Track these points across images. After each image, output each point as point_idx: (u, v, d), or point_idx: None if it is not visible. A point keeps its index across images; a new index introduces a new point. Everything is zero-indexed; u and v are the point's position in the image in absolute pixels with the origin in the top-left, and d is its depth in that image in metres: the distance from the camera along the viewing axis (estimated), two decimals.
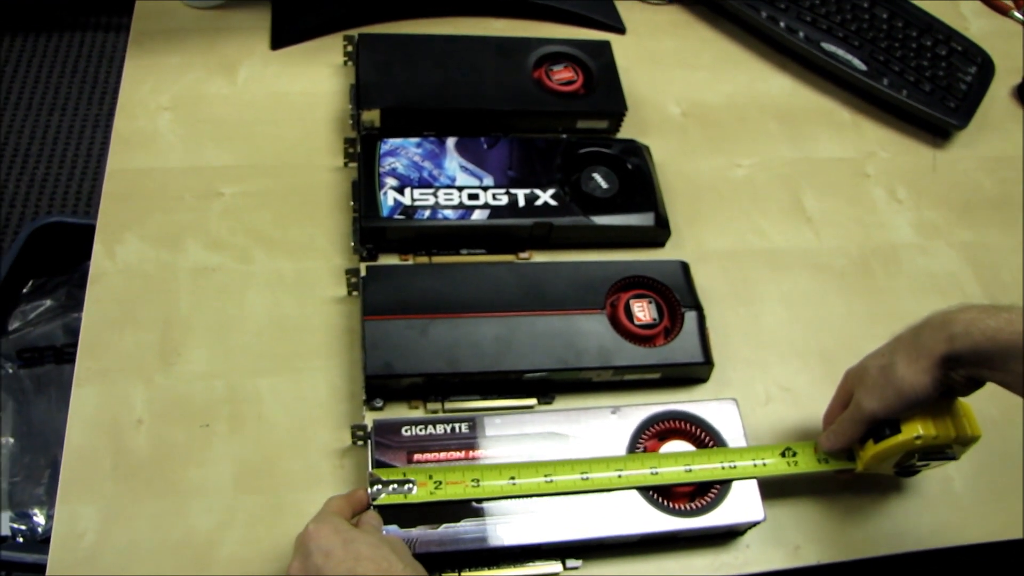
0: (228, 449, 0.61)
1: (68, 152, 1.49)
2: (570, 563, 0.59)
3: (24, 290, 1.16)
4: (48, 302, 1.15)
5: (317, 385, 0.64)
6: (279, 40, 0.81)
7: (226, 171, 0.73)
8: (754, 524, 0.61)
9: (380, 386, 0.63)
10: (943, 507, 0.66)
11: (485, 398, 0.65)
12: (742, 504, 0.60)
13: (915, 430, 0.56)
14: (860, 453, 0.60)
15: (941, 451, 0.58)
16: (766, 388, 0.70)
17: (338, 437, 0.62)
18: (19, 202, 1.45)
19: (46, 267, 1.17)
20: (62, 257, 1.16)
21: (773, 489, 0.62)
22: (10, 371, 1.09)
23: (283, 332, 0.66)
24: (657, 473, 0.59)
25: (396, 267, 0.68)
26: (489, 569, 0.58)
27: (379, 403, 0.63)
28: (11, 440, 1.06)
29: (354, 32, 0.78)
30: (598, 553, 0.60)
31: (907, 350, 0.54)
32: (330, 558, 0.47)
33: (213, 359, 0.64)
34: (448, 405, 0.64)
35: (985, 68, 0.88)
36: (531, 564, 0.58)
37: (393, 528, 0.55)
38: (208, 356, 0.64)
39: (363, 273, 0.66)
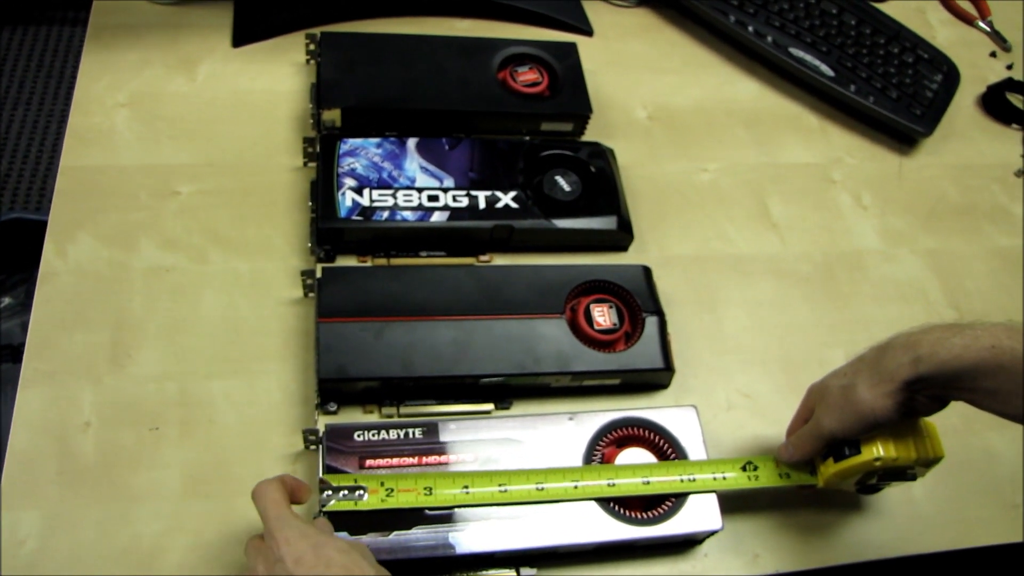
0: (177, 453, 0.60)
1: (32, 147, 1.47)
2: (524, 571, 0.58)
3: None
4: (6, 300, 1.13)
5: (271, 388, 0.63)
6: (241, 37, 0.80)
7: (183, 169, 0.72)
8: (712, 533, 0.60)
9: (334, 390, 0.62)
10: (903, 516, 0.66)
11: (441, 403, 0.64)
12: (700, 513, 0.59)
13: (875, 452, 0.56)
14: (820, 468, 0.59)
15: (902, 472, 0.57)
16: (727, 395, 0.69)
17: (291, 441, 0.61)
18: None
19: (5, 264, 1.14)
20: (22, 254, 1.13)
21: (732, 500, 0.61)
22: None
23: (237, 334, 0.65)
24: (614, 485, 0.58)
25: (352, 269, 0.67)
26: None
27: (333, 407, 0.62)
28: None
29: (317, 31, 0.77)
30: (553, 561, 0.59)
31: (870, 372, 0.53)
32: (300, 564, 0.46)
33: (165, 361, 0.63)
34: (404, 410, 0.63)
35: (951, 76, 0.88)
36: (485, 572, 0.58)
37: (344, 534, 0.54)
38: (160, 358, 0.63)
39: (319, 275, 0.64)
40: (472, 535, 0.56)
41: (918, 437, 0.57)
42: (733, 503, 0.62)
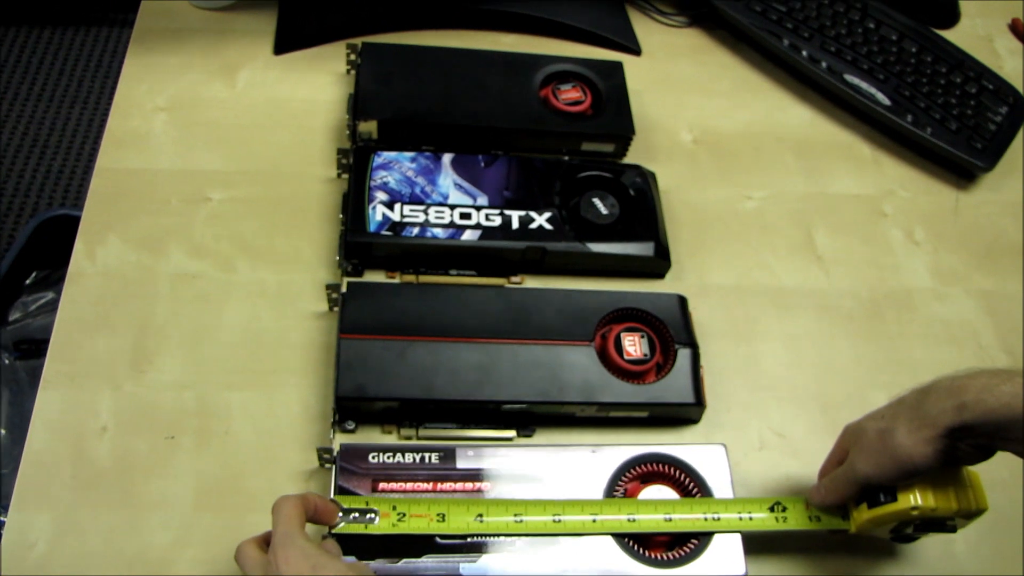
0: (192, 463, 0.59)
1: (86, 145, 1.49)
2: None
3: (27, 281, 1.15)
4: (50, 294, 1.14)
5: (289, 402, 0.62)
6: (283, 45, 0.80)
7: (216, 176, 0.71)
8: None
9: (352, 408, 0.61)
10: (942, 570, 0.62)
11: (462, 427, 0.62)
12: (723, 557, 0.56)
13: (912, 500, 0.52)
14: (854, 514, 0.56)
15: (941, 523, 0.54)
16: (760, 433, 0.66)
17: (306, 458, 0.60)
18: (33, 192, 1.45)
19: (50, 259, 1.16)
20: (67, 250, 1.15)
21: (757, 543, 0.58)
22: (7, 362, 1.09)
23: (259, 345, 0.64)
24: (635, 520, 0.56)
25: (378, 285, 0.65)
26: None
27: (351, 425, 0.61)
28: (3, 432, 1.05)
29: (358, 40, 0.77)
30: None
31: (910, 416, 0.50)
32: None
33: (185, 369, 0.62)
34: (423, 432, 0.61)
35: (1017, 108, 0.84)
36: None
37: (351, 559, 0.53)
38: (180, 366, 0.62)
39: (344, 289, 0.63)
40: (484, 567, 0.54)
41: (960, 487, 0.54)
42: (758, 545, 0.59)
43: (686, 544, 0.57)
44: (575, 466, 0.58)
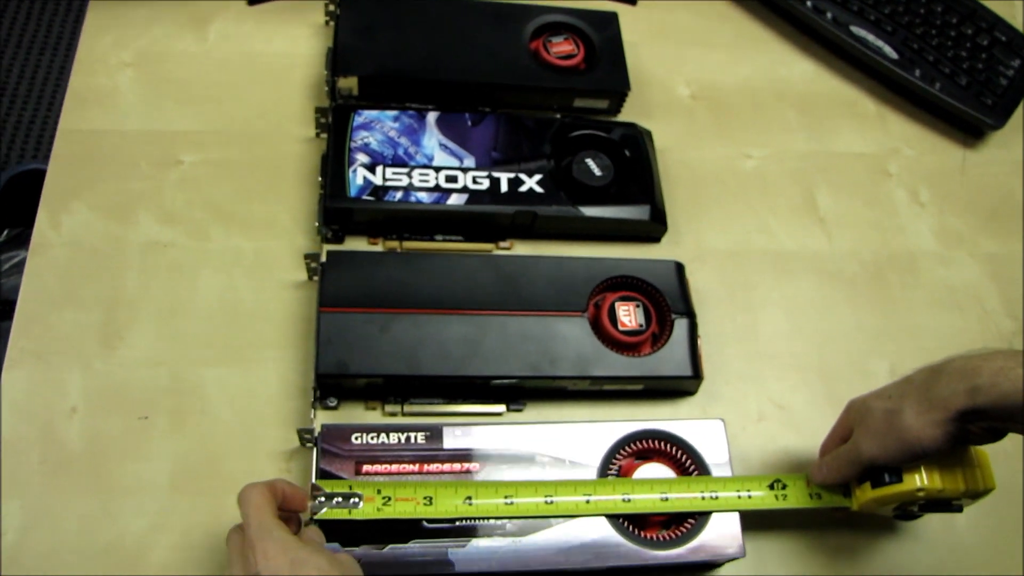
0: (166, 445, 0.56)
1: (57, 95, 1.43)
2: None
3: None
4: (23, 253, 1.10)
5: (268, 378, 0.59)
6: None
7: (187, 137, 0.67)
8: (733, 559, 0.55)
9: (334, 385, 0.58)
10: (943, 544, 0.61)
11: (449, 402, 0.59)
12: (721, 537, 0.55)
13: (918, 481, 0.51)
14: (856, 492, 0.54)
15: (947, 503, 0.52)
16: (759, 405, 0.64)
17: (287, 437, 0.57)
18: (3, 145, 1.40)
19: (22, 217, 1.12)
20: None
21: (756, 520, 0.57)
22: None
23: (236, 318, 0.61)
24: (630, 500, 0.54)
25: (359, 254, 0.62)
26: None
27: (333, 402, 0.58)
28: None
29: None
30: None
31: (919, 397, 0.48)
32: None
33: (158, 345, 0.59)
34: (409, 408, 0.59)
35: None
36: None
37: (335, 546, 0.50)
38: (153, 341, 0.59)
39: (324, 258, 0.60)
40: (473, 552, 0.52)
41: (967, 467, 0.52)
42: (756, 522, 0.57)
43: (683, 524, 0.55)
44: (568, 444, 0.56)
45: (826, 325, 0.68)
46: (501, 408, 0.60)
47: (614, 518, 0.54)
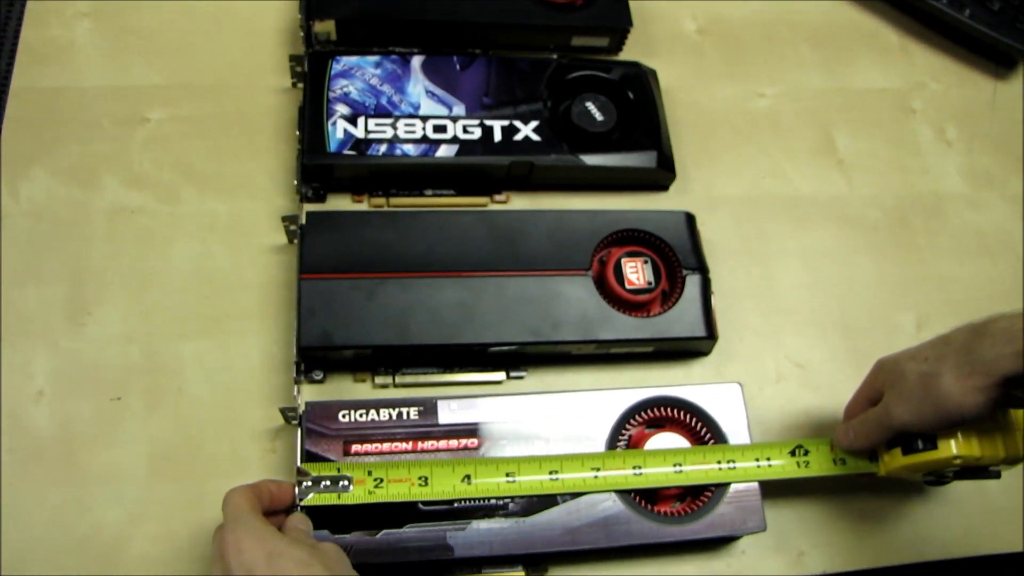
0: (142, 428, 0.52)
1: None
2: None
3: None
4: None
5: (249, 352, 0.55)
6: None
7: (153, 92, 0.62)
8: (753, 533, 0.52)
9: (319, 357, 0.54)
10: (974, 509, 0.57)
11: (444, 371, 0.55)
12: (740, 510, 0.51)
13: (954, 448, 0.47)
14: (885, 457, 0.50)
15: (983, 470, 0.48)
16: (777, 364, 0.60)
17: (271, 414, 0.53)
18: None
19: None
20: None
21: (775, 487, 0.53)
22: None
23: (212, 287, 0.57)
24: (641, 474, 0.50)
25: (342, 214, 0.57)
26: None
27: (319, 375, 0.54)
28: None
29: None
30: (566, 559, 0.52)
31: (959, 360, 0.44)
32: None
33: (129, 319, 0.55)
34: (401, 378, 0.55)
35: None
36: (490, 573, 0.50)
37: (324, 534, 0.47)
38: (123, 316, 0.55)
39: (303, 220, 0.55)
40: (473, 535, 0.48)
41: (1007, 432, 0.48)
42: (776, 490, 0.54)
43: (699, 497, 0.51)
44: (574, 414, 0.52)
45: (847, 276, 0.64)
46: (500, 376, 0.56)
47: (625, 493, 0.50)
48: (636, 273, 0.57)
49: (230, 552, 0.40)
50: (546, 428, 0.51)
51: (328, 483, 0.47)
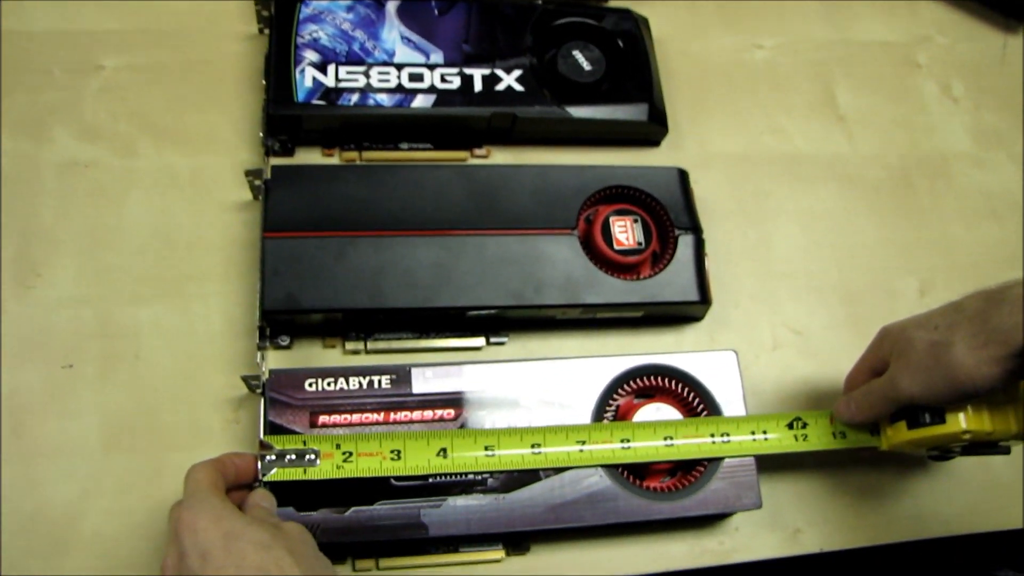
0: (96, 397, 0.49)
1: None
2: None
3: None
4: None
5: (210, 315, 0.51)
6: None
7: (108, 38, 0.58)
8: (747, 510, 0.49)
9: (285, 321, 0.50)
10: (977, 484, 0.55)
11: (419, 337, 0.52)
12: (735, 485, 0.48)
13: (963, 423, 0.44)
14: (887, 431, 0.47)
15: (993, 445, 0.45)
16: (773, 330, 0.57)
17: (233, 383, 0.49)
18: None
19: None
20: None
21: (771, 461, 0.50)
22: None
23: (171, 247, 0.53)
24: (630, 447, 0.47)
25: (310, 168, 0.53)
26: (414, 556, 0.47)
27: (285, 341, 0.51)
28: None
29: None
30: (549, 537, 0.49)
31: (972, 329, 0.41)
32: (207, 561, 0.36)
33: (82, 281, 0.51)
34: (372, 345, 0.51)
35: None
36: (466, 552, 0.47)
37: (289, 511, 0.44)
38: (76, 277, 0.51)
39: (268, 175, 0.51)
40: (449, 513, 0.45)
41: (1020, 406, 0.45)
42: (771, 463, 0.51)
43: (691, 472, 0.48)
44: (558, 383, 0.49)
45: (847, 239, 0.61)
46: (480, 342, 0.53)
47: (612, 468, 0.47)
48: (625, 233, 0.53)
49: (185, 532, 0.37)
50: (528, 398, 0.48)
51: (293, 457, 0.44)
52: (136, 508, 0.47)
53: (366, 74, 0.54)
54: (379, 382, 0.47)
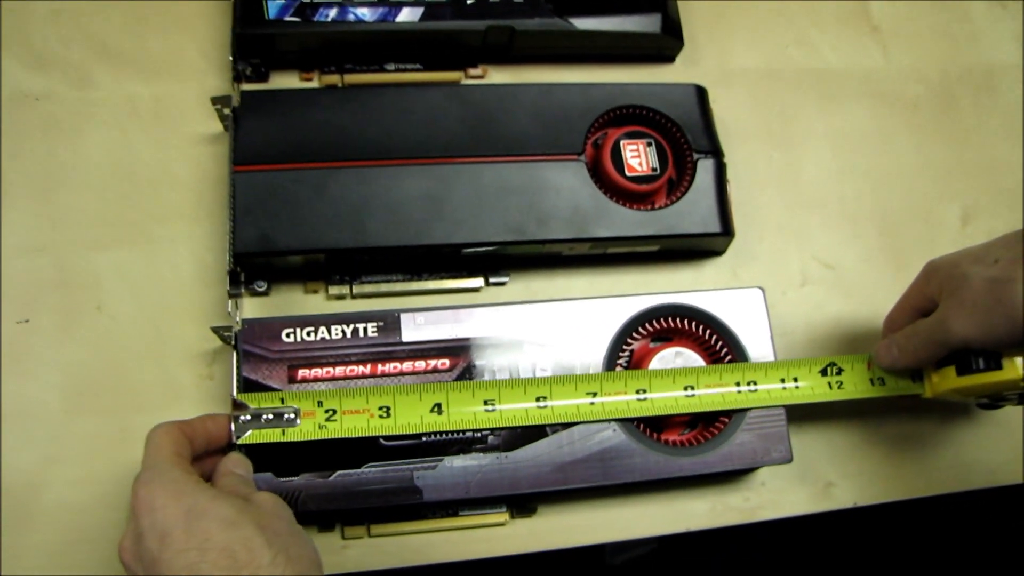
0: (55, 354, 0.44)
1: None
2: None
3: None
4: None
5: (179, 261, 0.47)
6: None
7: None
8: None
9: (261, 265, 0.45)
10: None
11: (411, 279, 0.47)
12: (762, 438, 0.43)
13: (1022, 369, 0.38)
14: (932, 377, 0.43)
15: None
16: (803, 265, 0.52)
17: (206, 335, 0.45)
18: None
19: None
20: None
21: (799, 409, 0.45)
22: None
23: (134, 186, 0.48)
24: (646, 399, 0.42)
25: (283, 93, 0.48)
26: (409, 522, 0.43)
27: (261, 286, 0.46)
28: None
29: None
30: (556, 498, 0.44)
31: None
32: (166, 543, 0.32)
33: (36, 227, 0.46)
34: (358, 289, 0.46)
35: None
36: (467, 515, 0.43)
37: (266, 477, 0.39)
38: (28, 223, 0.46)
39: (237, 101, 0.46)
40: (446, 475, 0.40)
41: None
42: (799, 411, 0.46)
43: (713, 424, 0.43)
44: (565, 327, 0.44)
45: (883, 162, 0.55)
46: (478, 282, 0.48)
47: (627, 422, 0.42)
48: (638, 158, 0.48)
49: (142, 510, 0.33)
50: (532, 345, 0.43)
51: (270, 417, 0.39)
52: (103, 476, 0.43)
53: None
54: (365, 330, 0.42)
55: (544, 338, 0.43)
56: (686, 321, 0.45)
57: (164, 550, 0.31)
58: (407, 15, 0.49)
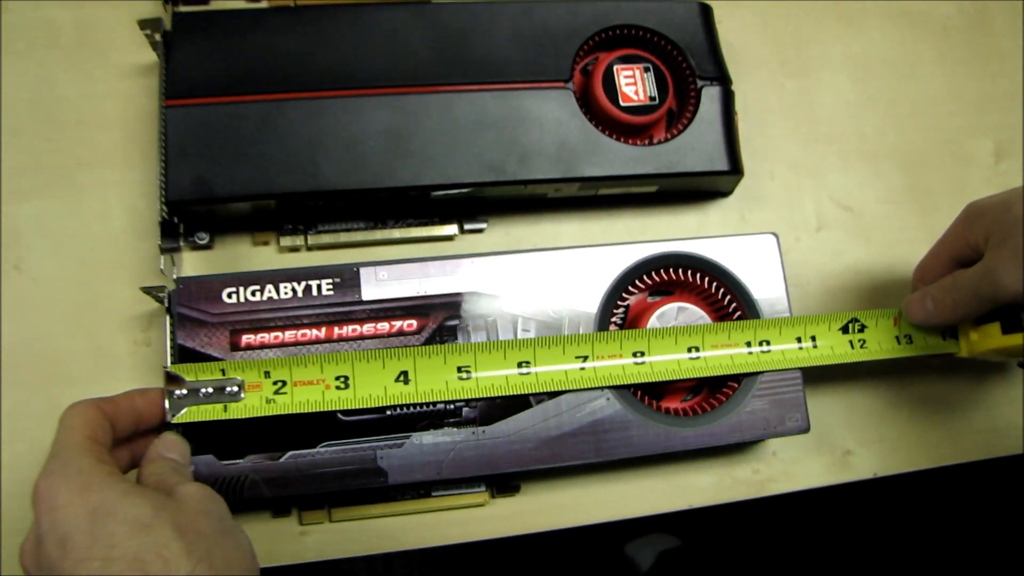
0: None
1: None
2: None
3: None
4: None
5: (109, 211, 0.41)
6: None
7: None
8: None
9: (202, 214, 0.39)
10: None
11: (374, 227, 0.41)
12: (776, 405, 0.38)
13: None
14: (971, 334, 0.37)
15: None
16: (818, 206, 0.47)
17: (141, 296, 0.39)
18: None
19: None
20: None
21: (814, 370, 0.40)
22: None
23: (54, 126, 0.42)
24: (644, 363, 0.37)
25: (222, 14, 0.41)
26: (376, 504, 0.38)
27: (203, 238, 0.40)
28: None
29: None
30: (543, 473, 0.39)
31: None
32: (67, 550, 0.27)
33: None
34: (314, 239, 0.41)
35: None
36: (442, 495, 0.38)
37: (208, 459, 0.34)
38: None
39: (168, 25, 0.39)
40: (414, 453, 0.35)
41: None
42: (815, 374, 0.41)
43: (720, 390, 0.38)
44: (551, 281, 0.38)
45: (908, 92, 0.50)
46: (451, 229, 0.42)
47: (622, 389, 0.37)
48: (633, 85, 0.42)
49: (43, 509, 0.28)
50: (514, 301, 0.38)
51: (210, 391, 0.34)
52: (28, 460, 0.37)
53: None
54: (319, 288, 0.36)
55: (527, 294, 0.38)
56: (689, 272, 0.39)
57: (64, 558, 0.26)
58: None
